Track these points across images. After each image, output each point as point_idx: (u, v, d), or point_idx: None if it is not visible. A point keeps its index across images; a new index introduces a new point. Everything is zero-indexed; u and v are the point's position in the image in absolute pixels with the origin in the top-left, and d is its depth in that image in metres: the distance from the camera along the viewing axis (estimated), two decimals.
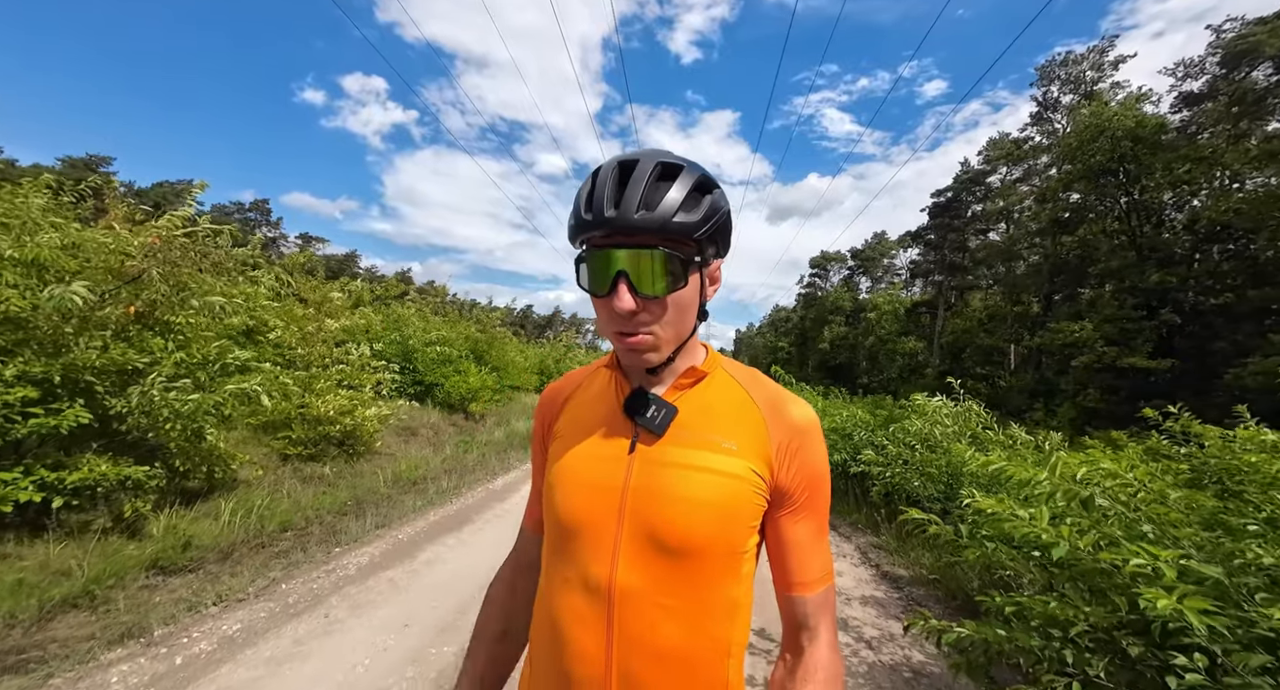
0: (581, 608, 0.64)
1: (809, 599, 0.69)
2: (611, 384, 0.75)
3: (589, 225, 0.61)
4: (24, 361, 3.04)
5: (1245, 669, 1.41)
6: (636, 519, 0.64)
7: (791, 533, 0.69)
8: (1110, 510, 1.88)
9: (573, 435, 0.73)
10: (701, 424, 0.68)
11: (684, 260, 0.62)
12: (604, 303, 0.63)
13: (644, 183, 0.60)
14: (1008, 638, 1.96)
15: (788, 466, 0.68)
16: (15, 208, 3.88)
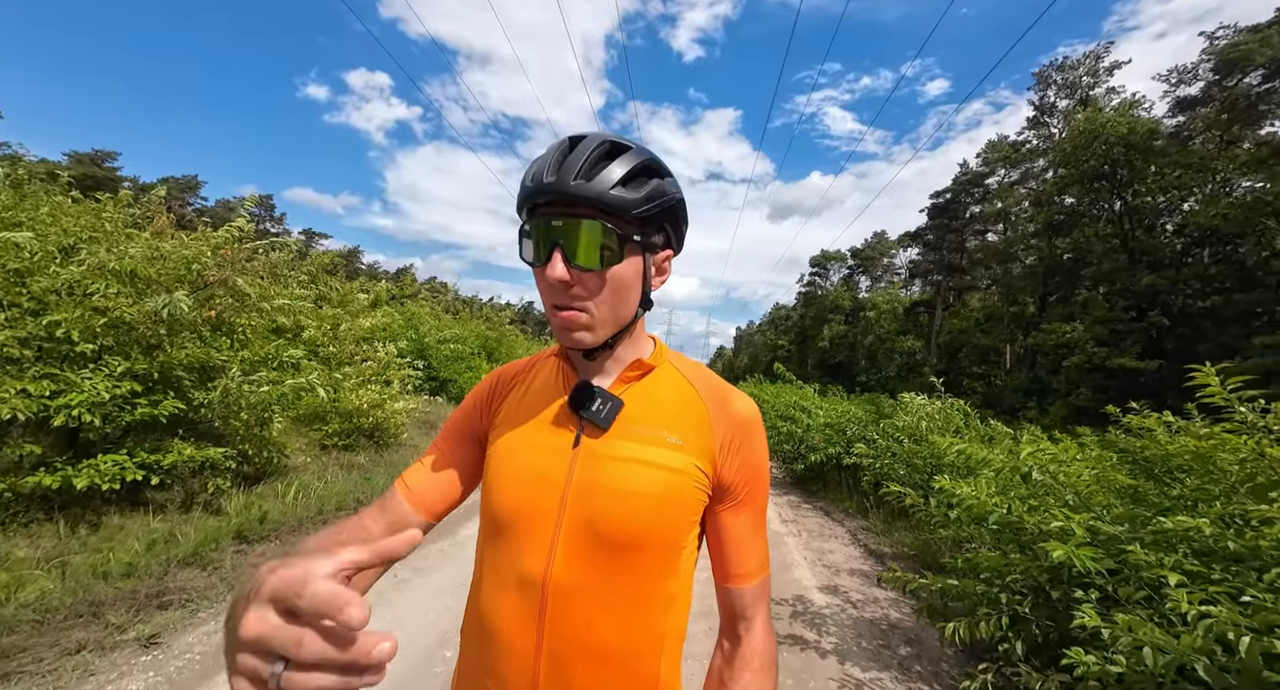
0: (514, 604, 0.63)
1: (746, 590, 0.70)
2: (558, 374, 0.73)
3: (529, 192, 0.61)
4: (129, 360, 3.53)
5: (1127, 599, 1.92)
6: (576, 513, 0.63)
7: (731, 526, 0.70)
8: (1041, 485, 2.38)
9: (515, 424, 0.71)
10: (647, 418, 0.68)
11: (621, 236, 0.61)
12: (540, 273, 0.62)
13: (586, 155, 0.60)
14: (958, 586, 2.47)
15: (730, 461, 0.68)
16: (102, 222, 4.37)
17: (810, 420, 7.34)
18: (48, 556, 2.84)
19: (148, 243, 4.31)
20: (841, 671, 2.56)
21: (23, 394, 2.98)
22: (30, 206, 4.23)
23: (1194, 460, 2.36)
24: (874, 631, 3.03)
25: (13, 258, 3.28)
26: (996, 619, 2.24)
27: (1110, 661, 1.70)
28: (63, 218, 4.27)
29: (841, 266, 53.60)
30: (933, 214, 35.74)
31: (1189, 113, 21.56)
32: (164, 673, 2.09)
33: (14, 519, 3.13)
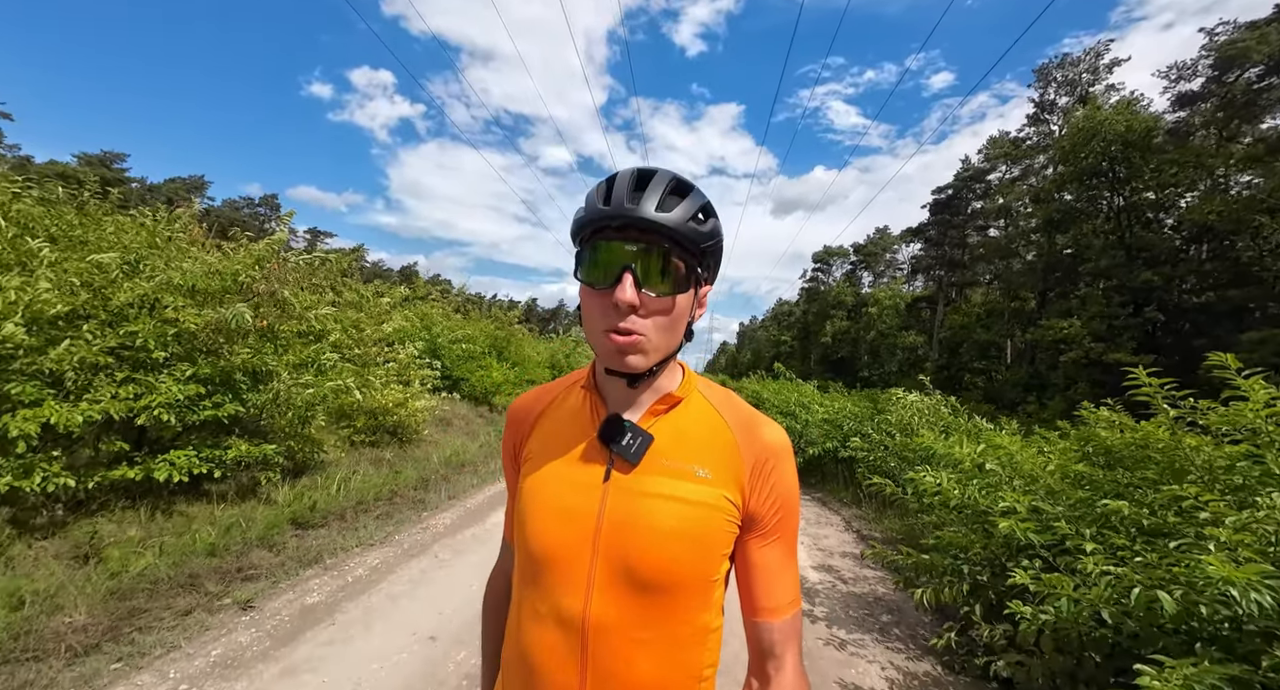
0: (554, 641, 0.63)
1: (776, 625, 0.69)
2: (586, 406, 0.73)
3: (605, 216, 0.62)
4: (195, 365, 3.95)
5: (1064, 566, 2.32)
6: (611, 552, 0.63)
7: (760, 557, 0.69)
8: (993, 474, 2.78)
9: (545, 458, 0.71)
10: (676, 451, 0.68)
11: (687, 267, 0.64)
12: (602, 296, 0.63)
13: (662, 189, 0.62)
14: (929, 560, 2.88)
15: (759, 491, 0.68)
16: (160, 237, 4.79)
17: (809, 416, 7.73)
18: (138, 539, 3.27)
19: (203, 258, 4.74)
20: (829, 633, 2.97)
21: (114, 397, 3.40)
22: (94, 225, 4.64)
23: (1133, 450, 2.75)
24: (860, 603, 3.44)
25: (98, 276, 3.69)
26: (959, 586, 2.65)
27: (1042, 612, 2.10)
28: (123, 234, 4.69)
29: (844, 262, 53.79)
30: (935, 210, 35.93)
31: (1189, 108, 21.77)
32: (263, 629, 2.52)
33: (105, 507, 3.57)
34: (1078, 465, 2.96)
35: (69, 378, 3.34)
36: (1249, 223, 15.46)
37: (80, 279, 3.59)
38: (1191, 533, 1.98)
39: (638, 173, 0.64)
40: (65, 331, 3.40)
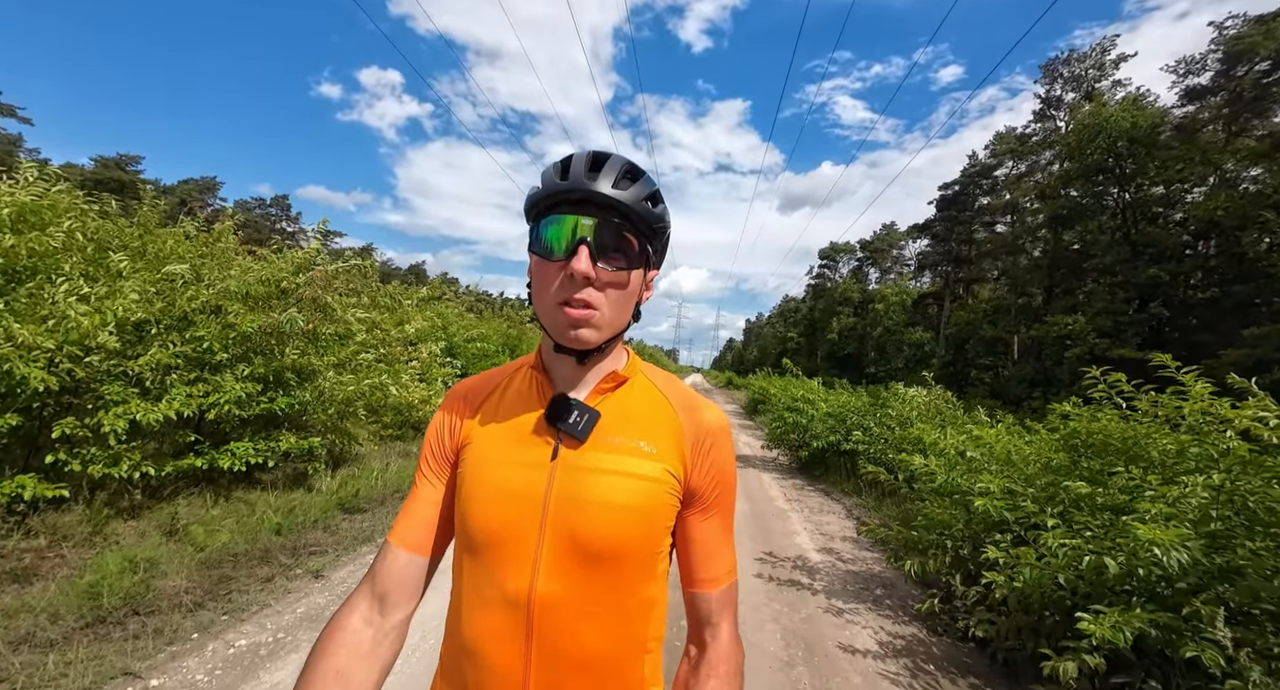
0: (499, 623, 0.63)
1: (713, 596, 0.72)
2: (533, 387, 0.73)
3: (563, 189, 0.63)
4: (251, 365, 4.36)
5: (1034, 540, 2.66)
6: (559, 527, 0.64)
7: (699, 531, 0.72)
8: (974, 460, 3.12)
9: (490, 440, 0.71)
10: (622, 428, 0.69)
11: (641, 245, 0.66)
12: (556, 268, 0.64)
13: (616, 171, 0.65)
14: (917, 536, 3.23)
15: (700, 467, 0.71)
16: (214, 246, 5.21)
17: (814, 411, 8.07)
18: (217, 518, 3.69)
19: (248, 266, 5.15)
20: (827, 603, 3.33)
21: (188, 396, 3.81)
22: (153, 237, 5.05)
23: (1099, 439, 3.08)
24: (857, 579, 3.80)
25: (168, 286, 4.10)
26: (941, 559, 3.00)
27: (1012, 579, 2.45)
28: (178, 246, 5.10)
29: (850, 258, 53.79)
30: (941, 206, 35.92)
31: (1199, 102, 21.73)
32: (335, 593, 2.92)
33: (175, 494, 3.99)
34: (1056, 454, 3.29)
35: (148, 378, 3.75)
36: (1255, 218, 15.53)
37: (155, 288, 4.00)
38: (1139, 508, 2.31)
39: (593, 154, 0.66)
40: (149, 337, 3.81)
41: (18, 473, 3.14)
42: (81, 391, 3.51)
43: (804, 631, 2.93)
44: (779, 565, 3.94)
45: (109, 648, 2.21)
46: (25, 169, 3.87)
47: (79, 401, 3.52)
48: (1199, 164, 17.77)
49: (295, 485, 4.84)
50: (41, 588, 2.67)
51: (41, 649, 2.16)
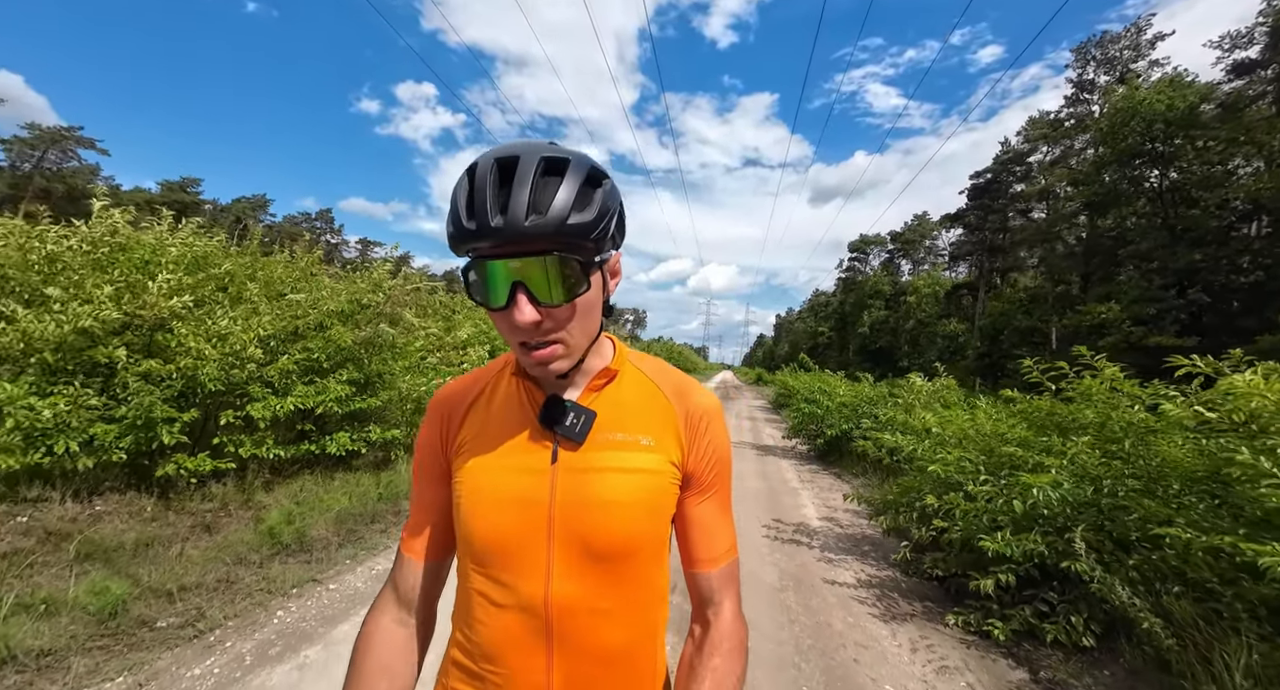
0: (516, 629, 0.64)
1: (714, 574, 0.72)
2: (519, 391, 0.72)
3: (473, 234, 0.56)
4: (347, 371, 5.37)
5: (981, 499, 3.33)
6: (568, 531, 0.64)
7: (698, 513, 0.72)
8: (938, 435, 3.79)
9: (484, 447, 0.69)
10: (618, 423, 0.69)
11: (583, 263, 0.59)
12: (503, 315, 0.59)
13: (529, 183, 0.55)
14: (892, 499, 3.93)
15: (696, 450, 0.71)
16: (304, 272, 6.29)
17: (829, 402, 8.68)
18: (327, 490, 4.70)
19: (336, 287, 6.20)
20: (821, 554, 4.05)
21: (302, 396, 4.82)
22: (265, 266, 6.15)
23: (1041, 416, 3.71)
24: (850, 540, 4.50)
25: (288, 310, 5.14)
26: (909, 514, 3.68)
27: (958, 525, 3.13)
28: (284, 272, 6.20)
29: (881, 250, 53.03)
30: (973, 195, 35.26)
31: (1248, 76, 20.87)
32: None
33: (295, 473, 5.02)
34: (1016, 429, 3.92)
35: (275, 381, 4.78)
36: None
37: (281, 311, 5.04)
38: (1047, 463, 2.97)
39: (497, 165, 0.57)
40: (273, 348, 4.85)
41: (195, 453, 4.18)
42: (234, 392, 4.56)
43: (797, 571, 3.67)
44: (784, 529, 4.68)
45: (294, 567, 3.17)
46: (187, 224, 4.99)
47: (231, 399, 4.57)
48: (1243, 144, 17.24)
49: (380, 468, 5.85)
50: (225, 535, 3.68)
51: (250, 567, 3.14)
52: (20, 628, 2.22)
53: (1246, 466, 2.14)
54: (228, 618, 2.55)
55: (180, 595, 2.72)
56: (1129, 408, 3.12)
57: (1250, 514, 2.24)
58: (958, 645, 2.74)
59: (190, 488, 4.18)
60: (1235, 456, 2.15)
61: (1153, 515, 2.44)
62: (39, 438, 3.43)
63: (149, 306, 4.01)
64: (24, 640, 2.16)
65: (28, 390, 3.51)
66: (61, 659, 2.15)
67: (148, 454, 3.98)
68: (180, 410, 3.93)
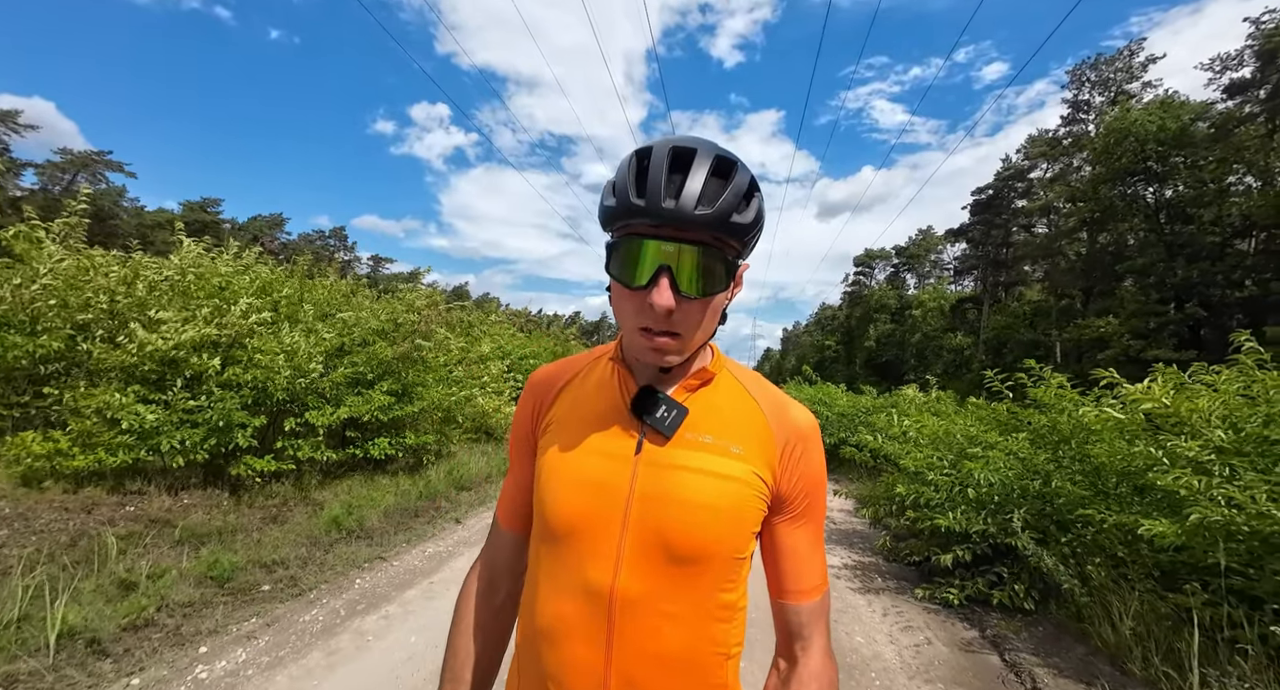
0: (577, 616, 0.63)
1: (804, 608, 0.69)
2: (614, 378, 0.71)
3: (639, 211, 0.57)
4: (387, 383, 5.99)
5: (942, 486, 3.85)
6: (644, 524, 0.63)
7: (789, 540, 0.69)
8: (913, 437, 4.32)
9: (570, 428, 0.70)
10: (709, 426, 0.67)
11: (728, 262, 0.61)
12: (636, 295, 0.60)
13: (704, 173, 0.57)
14: (876, 494, 4.44)
15: (790, 472, 0.68)
16: (347, 295, 6.96)
17: (829, 412, 9.18)
18: (374, 488, 5.27)
19: (378, 307, 6.86)
20: None
21: (353, 405, 5.43)
22: (310, 288, 6.83)
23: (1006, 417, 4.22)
24: (841, 533, 4.99)
25: (338, 327, 5.78)
26: (888, 507, 4.20)
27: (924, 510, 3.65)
28: (326, 294, 6.87)
29: (886, 264, 53.50)
30: (976, 210, 35.80)
31: (1242, 95, 21.41)
32: (471, 531, 4.39)
33: (341, 476, 5.61)
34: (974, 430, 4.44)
35: (327, 391, 5.39)
36: None
37: (333, 329, 5.69)
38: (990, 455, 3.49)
39: (673, 154, 0.59)
40: (331, 362, 5.48)
41: (262, 456, 4.79)
42: (294, 401, 5.18)
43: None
44: None
45: (360, 548, 3.74)
46: (251, 251, 5.68)
47: (292, 407, 5.19)
48: (1233, 163, 17.74)
49: (413, 471, 6.43)
50: (291, 525, 4.25)
51: (322, 548, 3.71)
52: (165, 586, 2.80)
53: (1144, 456, 2.67)
54: (318, 583, 3.12)
55: (274, 567, 3.30)
56: (1073, 412, 3.64)
57: (1153, 496, 2.76)
58: (922, 612, 3.24)
59: (256, 486, 4.78)
60: (1133, 448, 2.68)
61: (1075, 500, 2.96)
62: (145, 437, 4.06)
63: (230, 325, 4.67)
64: (171, 595, 2.74)
65: (133, 399, 4.15)
66: (200, 609, 2.72)
67: (223, 455, 4.59)
68: (251, 417, 4.55)
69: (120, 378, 4.33)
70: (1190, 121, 18.80)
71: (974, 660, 2.69)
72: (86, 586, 2.69)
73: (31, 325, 4.26)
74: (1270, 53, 18.03)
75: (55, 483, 3.91)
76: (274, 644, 2.44)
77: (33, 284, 4.23)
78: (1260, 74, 19.29)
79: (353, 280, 7.45)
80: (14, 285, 4.17)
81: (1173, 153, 18.55)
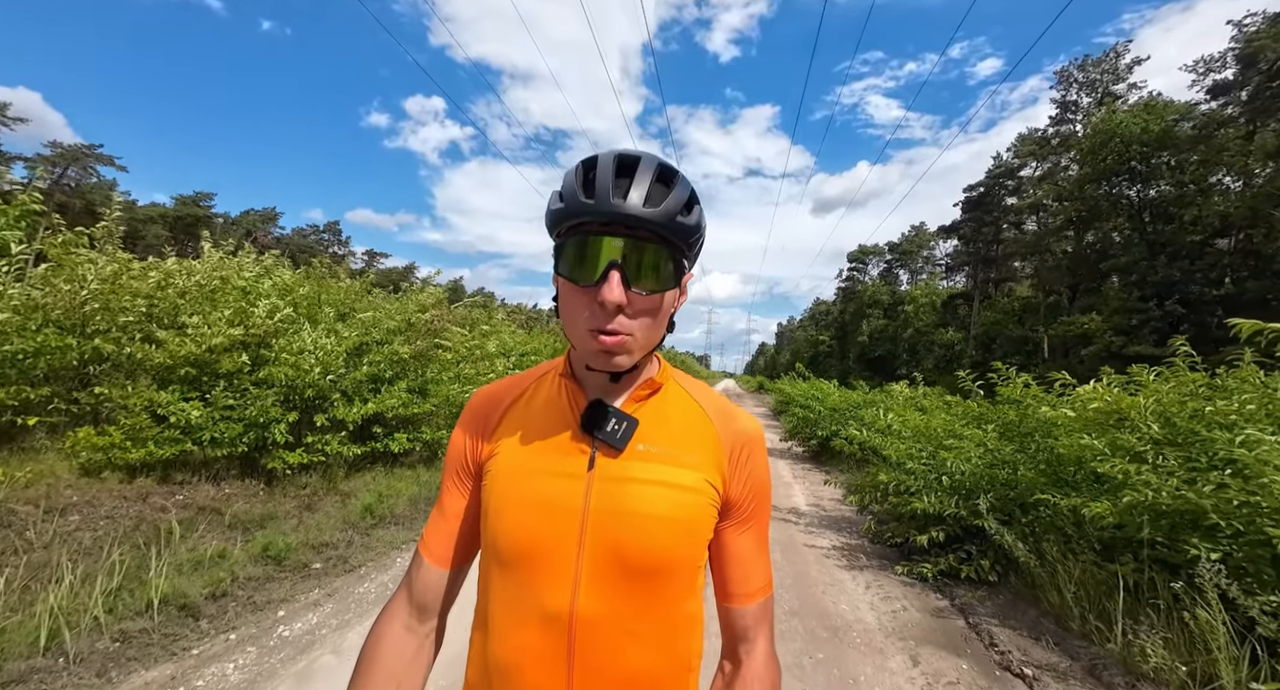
0: (538, 642, 0.61)
1: (749, 610, 0.70)
2: (562, 393, 0.71)
3: (587, 210, 0.59)
4: (406, 380, 6.33)
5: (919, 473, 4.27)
6: (600, 541, 0.62)
7: (736, 544, 0.70)
8: (896, 429, 4.73)
9: (518, 449, 0.68)
10: (660, 437, 0.68)
11: (675, 262, 0.63)
12: (585, 294, 0.61)
13: (648, 179, 0.60)
14: (862, 483, 4.86)
15: (737, 477, 0.69)
16: (362, 295, 7.28)
17: (821, 407, 9.61)
18: (396, 479, 5.63)
19: (392, 307, 7.18)
20: (805, 528, 4.97)
21: (377, 400, 5.77)
22: (326, 288, 7.13)
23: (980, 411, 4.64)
24: (831, 520, 5.42)
25: (356, 329, 6.11)
26: (874, 494, 4.61)
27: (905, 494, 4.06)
28: (342, 295, 7.18)
29: (879, 261, 54.10)
30: (967, 207, 36.35)
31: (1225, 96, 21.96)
32: None
33: (363, 468, 5.97)
34: (952, 424, 4.85)
35: (349, 388, 5.73)
36: (1265, 216, 16.04)
37: (354, 329, 6.02)
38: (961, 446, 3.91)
39: (618, 160, 0.61)
40: (352, 361, 5.82)
41: (294, 449, 5.13)
42: (321, 397, 5.51)
43: (784, 539, 4.60)
44: (775, 511, 5.60)
45: (394, 531, 4.11)
46: (268, 255, 5.98)
47: (319, 404, 5.52)
48: (1213, 164, 18.29)
49: (429, 464, 6.79)
50: (324, 513, 4.61)
51: (361, 532, 4.08)
52: (233, 564, 3.17)
53: (1089, 448, 3.08)
54: (365, 561, 3.49)
55: (322, 549, 3.66)
56: (1035, 408, 4.06)
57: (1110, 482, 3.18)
58: (899, 585, 3.66)
59: (287, 477, 5.13)
60: (1080, 441, 3.09)
61: (1034, 486, 3.38)
62: (190, 432, 4.40)
63: (256, 326, 5.00)
64: (239, 572, 3.10)
65: (177, 397, 4.48)
66: (265, 583, 3.09)
67: (258, 449, 4.93)
68: (285, 413, 4.89)
69: (160, 377, 4.65)
70: (1173, 123, 19.33)
71: (943, 623, 3.11)
72: (162, 563, 3.05)
73: (81, 327, 4.57)
74: (1251, 56, 18.54)
75: (111, 473, 4.25)
76: (338, 609, 2.81)
77: (82, 290, 4.53)
78: (1241, 76, 19.82)
79: (364, 281, 7.75)
80: (64, 290, 4.47)
81: (1156, 154, 19.08)
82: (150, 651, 2.30)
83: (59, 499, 3.73)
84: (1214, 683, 2.13)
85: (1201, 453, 2.79)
